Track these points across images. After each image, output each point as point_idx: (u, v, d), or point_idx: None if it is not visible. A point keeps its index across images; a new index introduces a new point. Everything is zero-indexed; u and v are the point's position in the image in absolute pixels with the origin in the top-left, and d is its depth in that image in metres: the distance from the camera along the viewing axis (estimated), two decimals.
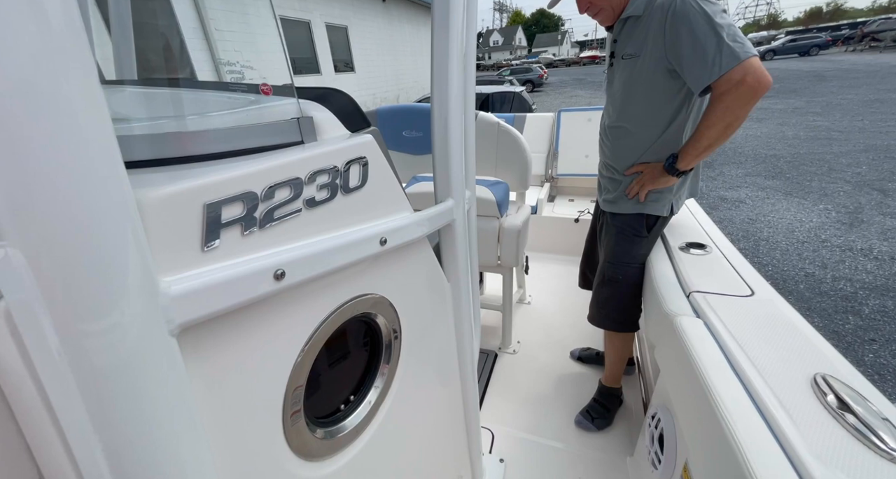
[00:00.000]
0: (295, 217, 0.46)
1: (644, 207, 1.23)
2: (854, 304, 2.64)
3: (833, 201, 4.22)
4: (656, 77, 1.07)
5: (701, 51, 0.94)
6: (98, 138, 0.28)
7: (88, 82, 0.27)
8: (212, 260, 0.38)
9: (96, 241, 0.28)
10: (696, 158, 1.07)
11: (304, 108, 0.53)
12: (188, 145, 0.42)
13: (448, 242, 0.78)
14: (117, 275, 0.30)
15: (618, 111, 1.20)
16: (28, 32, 0.25)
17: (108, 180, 0.29)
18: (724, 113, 0.96)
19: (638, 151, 1.20)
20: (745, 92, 0.92)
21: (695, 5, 0.95)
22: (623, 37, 1.13)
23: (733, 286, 0.95)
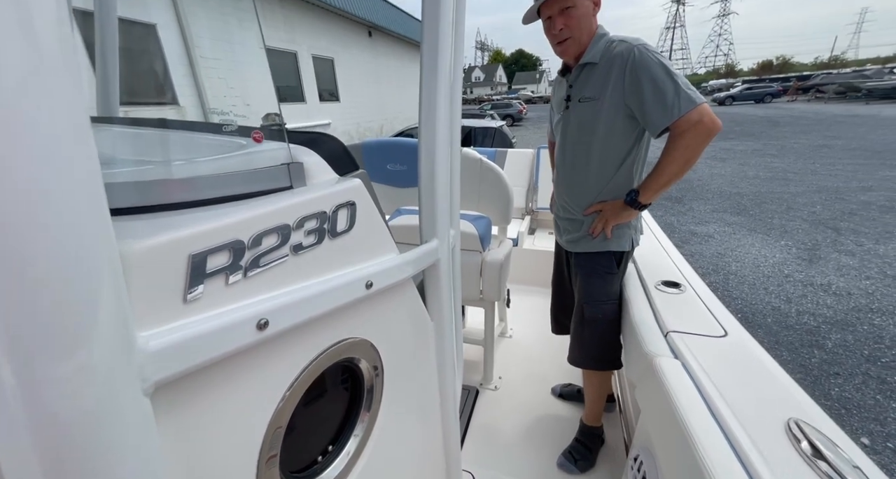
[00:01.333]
0: (281, 264, 0.45)
1: (610, 245, 1.27)
2: (818, 338, 2.75)
3: (793, 238, 4.47)
4: (615, 119, 1.15)
5: (661, 96, 1.04)
6: (85, 183, 0.26)
7: (78, 118, 0.25)
8: (194, 311, 0.37)
9: (73, 294, 0.27)
10: (657, 192, 1.15)
11: (294, 153, 0.53)
12: (176, 193, 0.41)
13: (432, 281, 0.78)
14: (93, 329, 0.28)
15: (573, 152, 1.26)
16: (14, 50, 0.22)
17: (92, 231, 0.27)
18: (685, 150, 1.06)
19: (595, 190, 1.26)
20: (702, 131, 1.04)
21: (652, 57, 1.07)
22: (579, 82, 1.21)
23: (707, 327, 0.98)
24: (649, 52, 1.08)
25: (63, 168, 0.25)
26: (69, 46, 0.25)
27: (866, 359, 2.48)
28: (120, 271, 0.30)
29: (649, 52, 1.08)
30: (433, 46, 0.69)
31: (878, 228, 4.55)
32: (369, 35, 13.21)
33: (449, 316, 0.84)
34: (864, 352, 2.55)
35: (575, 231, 1.33)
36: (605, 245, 1.28)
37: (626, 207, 1.20)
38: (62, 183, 0.25)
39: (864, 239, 4.28)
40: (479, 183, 1.68)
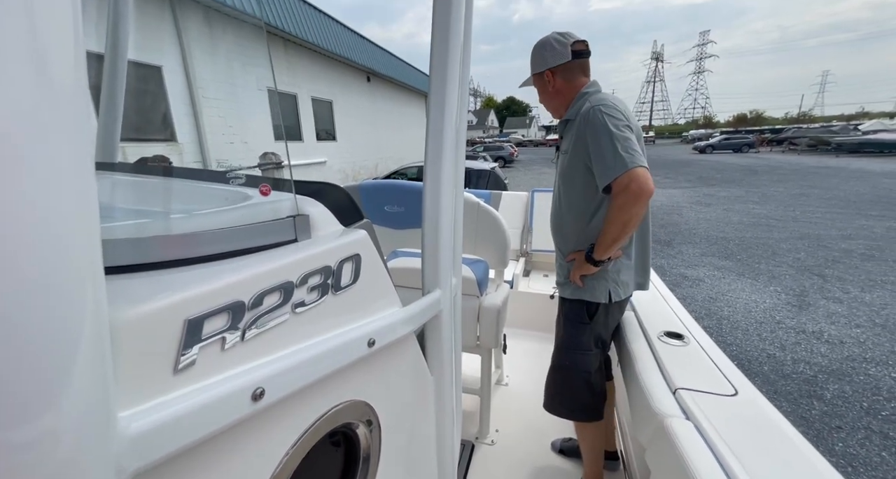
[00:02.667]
0: (281, 324, 0.42)
1: (583, 294, 1.28)
2: (816, 388, 2.70)
3: (781, 284, 4.52)
4: (583, 172, 1.21)
5: (601, 156, 1.11)
6: (82, 239, 0.24)
7: (83, 168, 0.23)
8: (184, 383, 0.33)
9: (46, 364, 0.23)
10: (607, 249, 1.16)
11: (299, 204, 0.52)
12: (176, 249, 0.39)
13: (434, 333, 0.75)
14: (64, 409, 0.24)
15: (558, 200, 1.34)
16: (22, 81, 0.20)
17: (82, 295, 0.24)
18: (618, 211, 1.09)
19: (572, 238, 1.30)
20: (631, 196, 1.06)
21: (600, 117, 1.12)
22: (564, 136, 1.31)
23: (717, 384, 0.95)
24: (601, 113, 1.12)
25: (60, 221, 0.22)
26: (83, 90, 0.23)
27: (866, 412, 2.43)
28: (107, 342, 0.26)
29: (601, 113, 1.12)
30: (440, 99, 0.70)
31: (861, 275, 4.64)
32: (368, 80, 13.82)
33: (449, 370, 0.79)
34: (863, 404, 2.50)
35: (561, 275, 1.38)
36: (579, 293, 1.29)
37: (586, 261, 1.23)
38: (57, 237, 0.22)
39: (850, 286, 4.34)
40: (476, 226, 1.68)
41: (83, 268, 0.24)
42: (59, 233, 0.23)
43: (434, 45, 0.70)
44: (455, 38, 0.70)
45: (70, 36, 0.22)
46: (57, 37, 0.22)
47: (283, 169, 4.15)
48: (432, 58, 0.71)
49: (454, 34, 0.69)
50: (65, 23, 0.22)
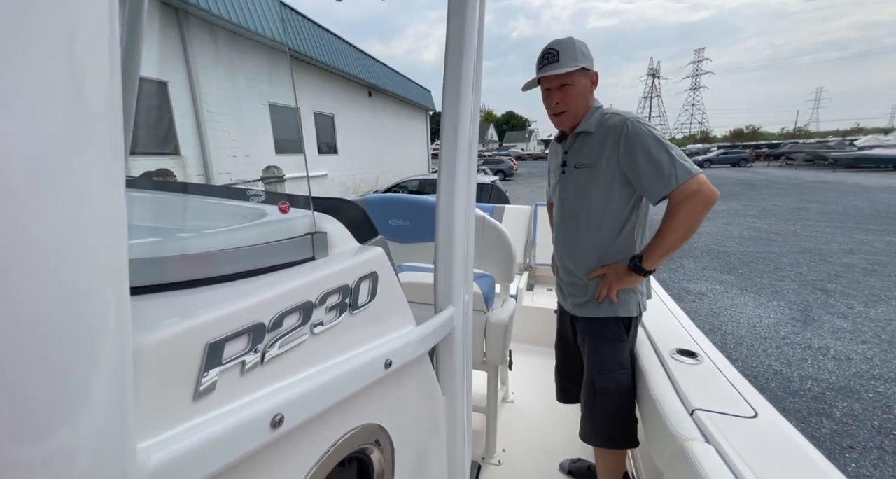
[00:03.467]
0: (300, 345, 0.41)
1: (618, 310, 1.24)
2: (824, 405, 2.65)
3: (784, 299, 4.49)
4: (612, 186, 1.19)
5: (656, 166, 1.09)
6: (109, 259, 0.23)
7: (113, 184, 0.23)
8: (204, 410, 0.32)
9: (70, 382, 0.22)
10: (661, 258, 1.16)
11: (316, 221, 0.51)
12: (195, 269, 0.38)
13: (446, 352, 0.73)
14: (85, 441, 0.23)
15: (574, 217, 1.28)
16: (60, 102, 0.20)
17: (107, 316, 0.23)
18: (686, 217, 1.09)
19: (596, 254, 1.26)
20: (702, 199, 1.07)
21: (643, 128, 1.12)
22: (574, 149, 1.26)
23: (734, 405, 0.93)
24: (642, 124, 1.14)
25: (89, 240, 0.22)
26: (117, 113, 0.23)
27: (878, 431, 2.38)
28: (130, 368, 0.25)
29: (642, 124, 1.14)
30: (454, 116, 0.70)
31: (864, 290, 4.62)
32: (369, 95, 14.01)
33: (461, 389, 0.78)
34: (874, 423, 2.45)
35: (580, 295, 1.31)
36: (613, 310, 1.24)
37: (630, 272, 1.19)
38: (85, 257, 0.22)
39: (854, 302, 4.31)
40: (482, 241, 1.68)
41: (109, 289, 0.24)
42: (87, 253, 0.22)
43: (448, 63, 0.70)
44: (468, 56, 0.70)
45: (106, 59, 0.22)
46: (94, 60, 0.22)
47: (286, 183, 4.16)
48: (446, 77, 0.71)
49: (467, 52, 0.70)
50: (102, 46, 0.22)
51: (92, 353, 0.23)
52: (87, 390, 0.23)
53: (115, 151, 0.23)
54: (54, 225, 0.21)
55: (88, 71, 0.22)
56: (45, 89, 0.20)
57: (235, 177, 6.85)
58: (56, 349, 0.22)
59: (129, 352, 0.25)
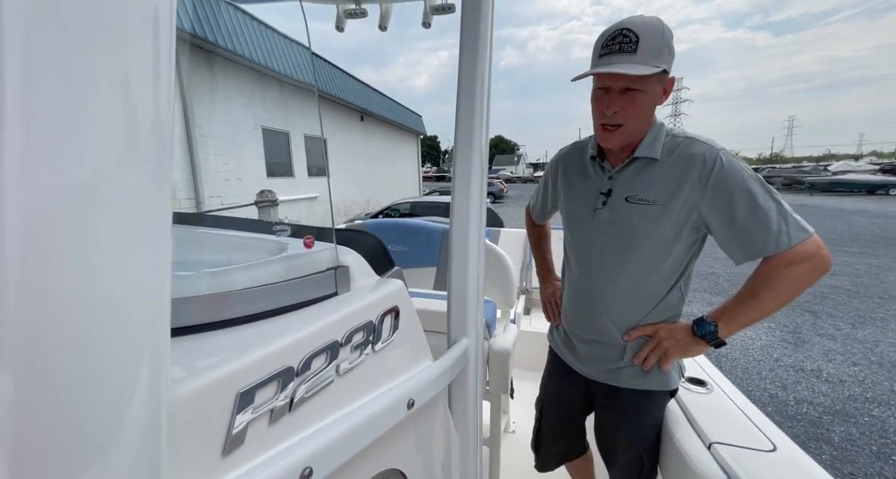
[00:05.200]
0: (327, 388, 0.39)
1: (669, 381, 1.03)
2: (822, 430, 2.64)
3: (774, 320, 4.54)
4: (682, 230, 0.94)
5: (763, 217, 0.86)
6: (152, 296, 0.23)
7: (160, 216, 0.23)
8: (233, 466, 0.30)
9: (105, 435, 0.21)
10: (743, 327, 0.93)
11: (338, 254, 0.50)
12: (222, 310, 0.36)
13: (460, 387, 0.71)
14: None
15: (617, 262, 1.01)
16: (113, 136, 0.20)
17: (146, 368, 0.23)
18: (796, 285, 0.87)
19: (643, 308, 1.01)
20: (819, 265, 0.86)
21: (745, 169, 0.90)
22: (627, 176, 0.99)
23: (751, 437, 0.91)
24: (735, 158, 0.91)
25: (134, 278, 0.22)
26: (168, 146, 0.23)
27: (877, 456, 2.37)
28: (165, 423, 0.24)
29: (735, 158, 0.91)
30: (467, 145, 0.71)
31: (850, 312, 4.70)
32: (361, 119, 14.24)
33: (474, 425, 0.75)
34: (872, 448, 2.44)
35: (613, 360, 1.05)
36: (665, 382, 1.02)
37: (699, 340, 0.95)
38: (128, 293, 0.21)
39: (842, 323, 4.38)
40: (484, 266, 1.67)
41: (150, 330, 0.23)
42: (131, 288, 0.22)
43: (460, 94, 0.72)
44: (481, 86, 0.72)
45: (160, 94, 0.22)
46: (147, 94, 0.22)
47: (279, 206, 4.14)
48: (459, 109, 0.73)
49: (480, 82, 0.72)
50: (155, 84, 0.22)
51: (127, 396, 0.22)
52: (121, 432, 0.22)
53: (162, 180, 0.23)
54: (99, 255, 0.21)
55: (141, 108, 0.22)
56: (99, 121, 0.20)
57: (227, 201, 6.81)
58: (91, 391, 0.21)
59: (165, 397, 0.24)
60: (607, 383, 1.08)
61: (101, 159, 0.20)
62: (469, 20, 0.72)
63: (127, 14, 0.20)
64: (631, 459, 1.07)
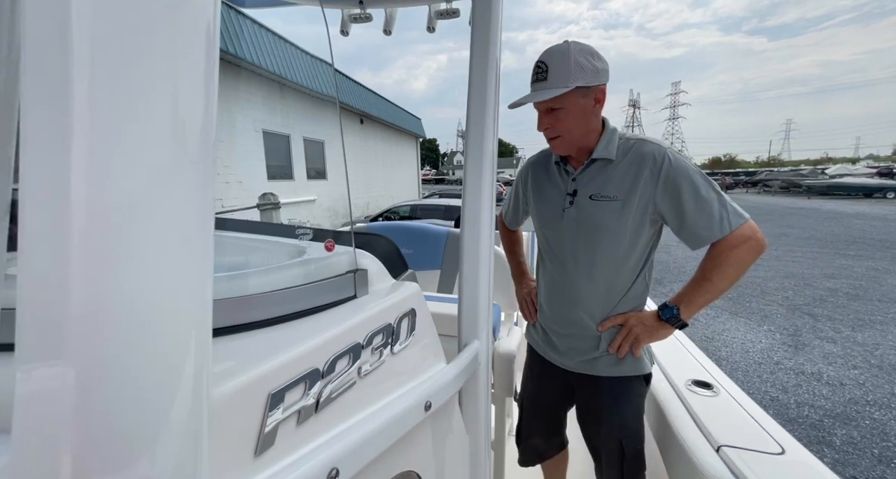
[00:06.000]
0: (349, 389, 0.40)
1: (642, 366, 1.11)
2: (824, 433, 2.64)
3: (774, 323, 4.55)
4: (642, 223, 1.04)
5: (706, 207, 0.98)
6: (197, 296, 0.24)
7: (205, 222, 0.24)
8: (265, 466, 0.31)
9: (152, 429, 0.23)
10: (700, 308, 1.03)
11: (356, 258, 0.51)
12: (250, 312, 0.37)
13: (471, 389, 0.71)
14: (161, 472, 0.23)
15: (587, 257, 1.09)
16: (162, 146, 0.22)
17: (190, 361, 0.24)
18: (739, 266, 0.98)
19: (612, 299, 1.09)
20: (755, 246, 0.98)
21: (689, 164, 1.01)
22: (588, 177, 1.09)
23: (759, 440, 0.91)
24: (685, 159, 1.03)
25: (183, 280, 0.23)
26: (211, 155, 0.25)
27: (878, 460, 2.38)
28: (206, 412, 0.25)
29: (685, 159, 1.03)
30: (478, 149, 0.72)
31: (850, 315, 4.72)
32: (361, 122, 14.28)
33: (483, 428, 0.75)
34: (874, 451, 2.45)
35: (588, 350, 1.13)
36: (638, 367, 1.10)
37: (663, 324, 1.04)
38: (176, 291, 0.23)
39: (841, 326, 4.39)
40: None
41: (196, 330, 0.24)
42: (180, 290, 0.23)
43: (471, 103, 0.73)
44: (491, 94, 0.73)
45: (207, 105, 0.23)
46: (193, 109, 0.23)
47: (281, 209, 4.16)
48: (469, 115, 0.73)
49: (490, 89, 0.72)
50: (200, 101, 0.23)
51: (172, 393, 0.23)
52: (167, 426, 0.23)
53: (206, 188, 0.24)
54: (153, 258, 0.22)
55: (188, 122, 0.23)
56: (153, 130, 0.22)
57: (228, 203, 6.81)
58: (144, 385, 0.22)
59: (206, 395, 0.25)
60: (585, 373, 1.15)
61: (156, 165, 0.22)
62: (480, 27, 0.73)
63: (179, 32, 0.22)
64: (614, 447, 1.13)
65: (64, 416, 0.20)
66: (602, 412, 1.15)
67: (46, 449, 0.20)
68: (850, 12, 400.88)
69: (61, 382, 0.20)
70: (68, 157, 0.19)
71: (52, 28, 0.19)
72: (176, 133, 0.22)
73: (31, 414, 0.20)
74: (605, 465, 1.17)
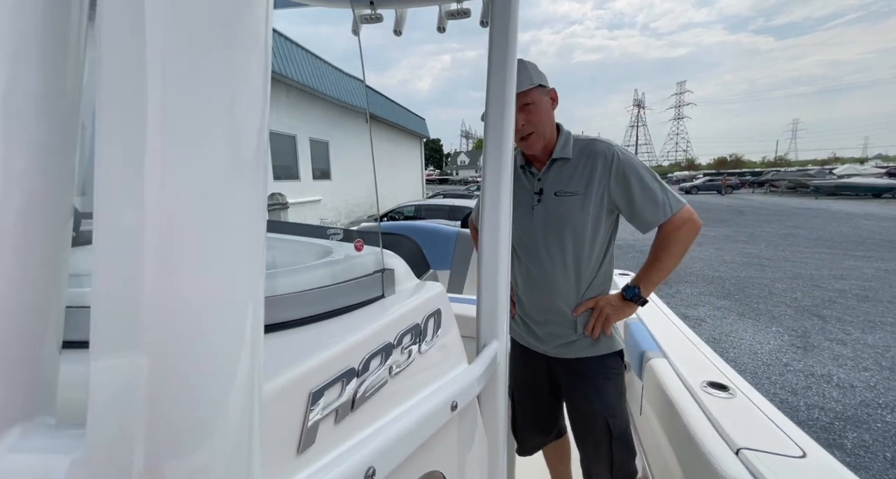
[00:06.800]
0: (382, 388, 0.40)
1: (614, 344, 1.22)
2: (834, 436, 2.62)
3: (782, 325, 4.52)
4: (600, 214, 1.16)
5: (651, 195, 1.12)
6: (252, 293, 0.25)
7: (258, 224, 0.25)
8: (307, 464, 0.31)
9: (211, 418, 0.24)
10: (655, 285, 1.18)
11: (383, 257, 0.51)
12: (282, 312, 0.37)
13: (490, 389, 0.71)
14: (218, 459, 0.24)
15: (558, 249, 1.19)
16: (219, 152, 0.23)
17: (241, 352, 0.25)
18: (682, 245, 1.14)
19: (580, 286, 1.20)
20: (693, 226, 1.13)
21: (634, 159, 1.16)
22: (552, 176, 1.20)
23: (780, 444, 0.91)
24: (628, 152, 1.17)
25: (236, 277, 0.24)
26: (264, 160, 0.26)
27: (891, 463, 2.35)
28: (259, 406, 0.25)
29: (628, 152, 1.17)
30: (497, 150, 0.72)
31: (860, 316, 4.67)
32: (364, 122, 14.32)
33: (503, 427, 0.75)
34: (886, 454, 2.42)
35: (565, 335, 1.23)
36: (611, 345, 1.21)
37: (627, 302, 1.17)
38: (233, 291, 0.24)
39: (851, 328, 4.35)
40: None
41: (249, 327, 0.25)
42: (238, 288, 0.24)
43: (489, 106, 0.73)
44: (510, 97, 0.73)
45: (259, 117, 0.24)
46: (250, 119, 0.24)
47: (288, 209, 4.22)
48: (488, 118, 0.74)
49: (509, 93, 0.73)
50: (257, 107, 0.25)
51: (229, 386, 0.24)
52: (225, 416, 0.24)
53: (259, 190, 0.25)
54: (209, 258, 0.23)
55: (245, 131, 0.24)
56: (211, 143, 0.23)
57: None
58: (205, 378, 0.23)
59: (258, 389, 0.26)
60: (565, 357, 1.25)
61: (217, 171, 0.23)
62: (499, 29, 0.73)
63: (238, 43, 0.23)
64: (600, 427, 1.20)
65: (137, 405, 0.21)
66: (586, 393, 1.23)
67: (120, 436, 0.21)
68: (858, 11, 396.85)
69: (136, 373, 0.21)
70: (142, 166, 0.20)
71: (127, 46, 0.20)
72: (232, 142, 0.24)
73: (105, 403, 0.21)
74: (593, 449, 1.24)
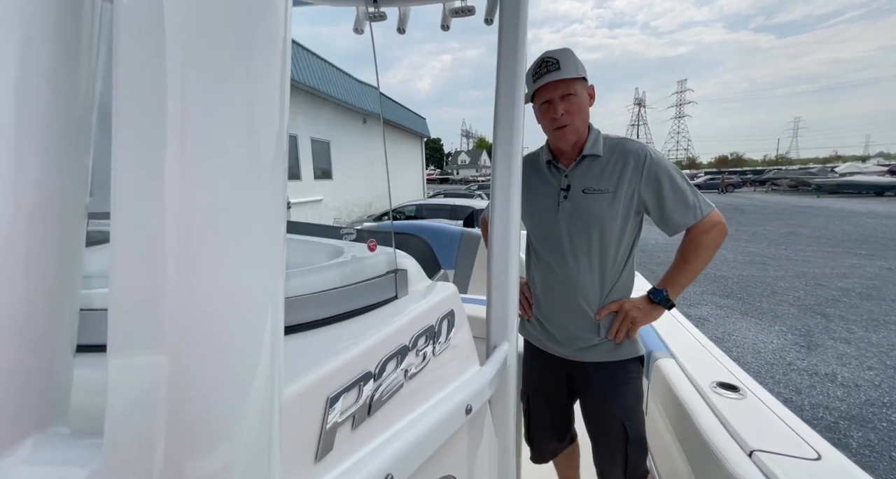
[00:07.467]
0: (398, 392, 0.39)
1: (638, 348, 1.19)
2: (839, 435, 2.61)
3: (785, 323, 4.50)
4: (629, 214, 1.14)
5: (682, 197, 1.12)
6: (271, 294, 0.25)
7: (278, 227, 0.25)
8: (324, 471, 0.30)
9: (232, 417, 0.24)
10: (683, 288, 1.16)
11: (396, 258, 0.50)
12: (296, 313, 0.36)
13: (500, 391, 0.70)
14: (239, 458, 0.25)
15: (583, 247, 1.16)
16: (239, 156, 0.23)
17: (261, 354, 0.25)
18: (712, 248, 1.12)
19: (605, 287, 1.17)
20: (723, 230, 1.13)
21: (666, 161, 1.16)
22: (579, 172, 1.17)
23: (794, 445, 0.90)
24: (660, 154, 1.17)
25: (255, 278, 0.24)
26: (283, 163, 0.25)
27: None
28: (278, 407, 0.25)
29: (660, 154, 1.17)
30: (507, 150, 0.71)
31: (863, 315, 4.65)
32: (364, 122, 14.30)
33: (512, 430, 0.74)
34: (892, 454, 2.41)
35: (586, 339, 1.18)
36: (634, 349, 1.18)
37: (655, 306, 1.14)
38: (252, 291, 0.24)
39: (854, 326, 4.33)
40: None
41: (269, 327, 0.25)
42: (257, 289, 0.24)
43: (498, 106, 0.72)
44: (519, 97, 0.72)
45: (277, 120, 0.24)
46: (269, 121, 0.24)
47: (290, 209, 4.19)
48: (497, 118, 0.73)
49: (518, 93, 0.72)
50: (276, 110, 0.24)
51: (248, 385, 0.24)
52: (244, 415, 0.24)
53: (278, 193, 0.25)
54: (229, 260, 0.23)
55: (264, 134, 0.24)
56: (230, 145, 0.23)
57: None
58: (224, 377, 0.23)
59: (278, 389, 0.25)
60: (585, 360, 1.21)
61: (236, 173, 0.23)
62: (508, 25, 0.72)
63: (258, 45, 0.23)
64: (617, 430, 1.17)
65: (157, 405, 0.21)
66: (606, 396, 1.20)
67: (139, 437, 0.21)
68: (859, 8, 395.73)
69: (156, 373, 0.21)
70: (161, 168, 0.20)
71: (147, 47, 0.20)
72: (252, 144, 0.23)
73: (124, 403, 0.21)
74: (609, 451, 1.21)
